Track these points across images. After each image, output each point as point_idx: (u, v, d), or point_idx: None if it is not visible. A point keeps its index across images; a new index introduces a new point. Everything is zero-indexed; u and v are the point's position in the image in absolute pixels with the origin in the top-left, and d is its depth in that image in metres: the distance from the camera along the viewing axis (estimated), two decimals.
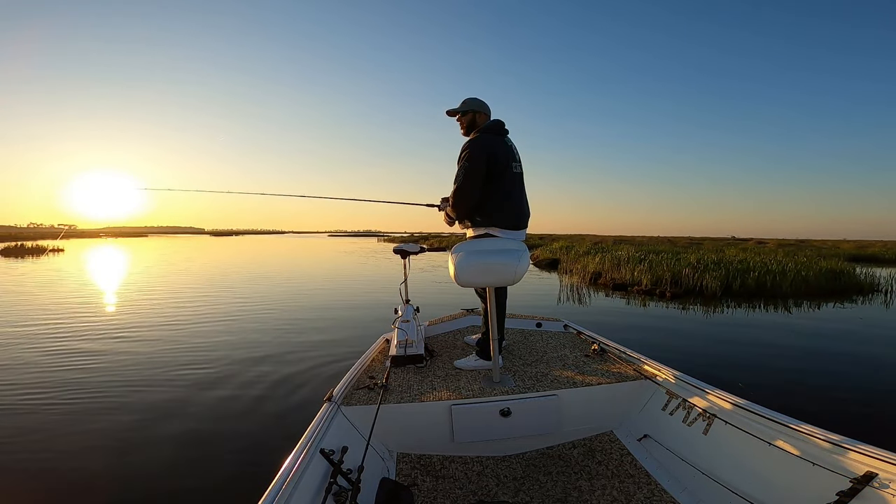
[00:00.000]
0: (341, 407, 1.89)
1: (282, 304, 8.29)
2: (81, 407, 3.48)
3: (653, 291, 10.31)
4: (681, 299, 9.59)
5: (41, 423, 3.19)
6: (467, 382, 2.24)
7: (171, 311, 7.53)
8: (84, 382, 4.02)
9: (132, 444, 2.94)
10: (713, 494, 1.60)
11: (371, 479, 1.56)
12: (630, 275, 11.62)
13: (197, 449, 2.85)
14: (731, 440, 1.67)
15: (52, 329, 6.11)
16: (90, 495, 2.40)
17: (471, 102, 2.46)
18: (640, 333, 6.30)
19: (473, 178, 2.26)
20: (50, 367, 4.44)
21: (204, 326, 6.39)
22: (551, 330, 3.25)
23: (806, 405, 3.62)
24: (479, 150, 2.27)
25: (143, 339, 5.65)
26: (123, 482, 2.52)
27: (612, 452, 2.02)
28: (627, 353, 2.53)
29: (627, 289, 10.96)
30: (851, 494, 1.23)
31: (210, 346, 5.27)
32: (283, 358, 4.76)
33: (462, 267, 2.02)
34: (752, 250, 20.55)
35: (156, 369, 4.41)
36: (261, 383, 3.98)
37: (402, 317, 2.67)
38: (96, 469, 2.64)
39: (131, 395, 3.76)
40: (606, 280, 12.04)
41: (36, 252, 24.54)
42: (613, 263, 13.16)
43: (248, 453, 2.78)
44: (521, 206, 2.44)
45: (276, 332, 5.99)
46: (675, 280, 10.66)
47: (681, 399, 2.01)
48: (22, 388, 3.84)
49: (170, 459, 2.75)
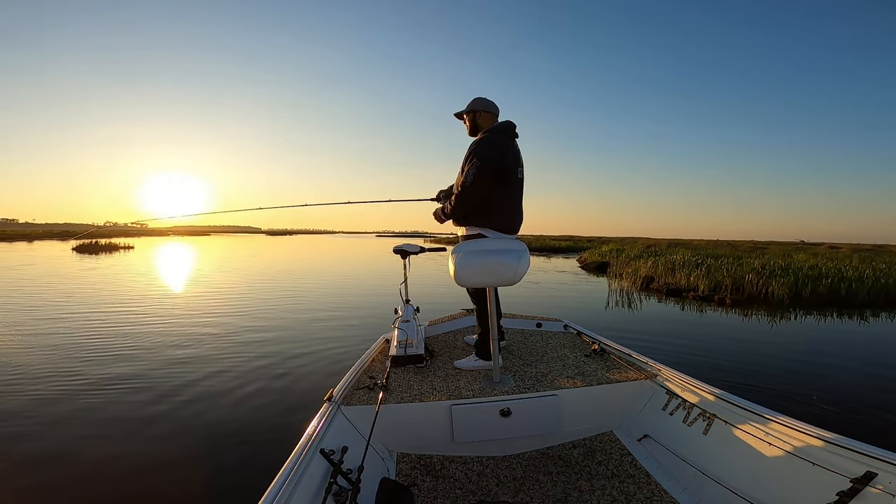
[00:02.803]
0: (341, 407, 1.90)
1: (326, 302, 8.57)
2: (67, 398, 3.61)
3: (710, 298, 9.73)
4: (742, 307, 8.98)
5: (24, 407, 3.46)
6: (467, 382, 2.23)
7: (231, 303, 7.98)
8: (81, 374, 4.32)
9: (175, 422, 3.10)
10: (713, 494, 1.59)
11: (371, 479, 1.56)
12: (685, 280, 11.04)
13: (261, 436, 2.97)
14: (731, 440, 1.67)
15: (58, 322, 6.63)
16: (86, 491, 2.42)
17: (476, 102, 2.44)
18: (696, 342, 5.94)
19: (482, 178, 2.21)
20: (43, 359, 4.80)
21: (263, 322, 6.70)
22: (551, 330, 3.24)
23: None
24: (490, 151, 2.23)
25: (191, 333, 6.02)
26: (148, 470, 2.60)
27: (612, 452, 2.02)
28: (627, 353, 2.51)
29: (682, 294, 10.42)
30: (851, 494, 1.22)
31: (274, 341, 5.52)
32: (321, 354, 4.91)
33: (462, 267, 2.01)
34: (823, 255, 18.92)
35: (203, 360, 4.67)
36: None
37: (403, 317, 2.67)
38: (91, 462, 2.69)
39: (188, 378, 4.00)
40: (659, 285, 11.49)
41: (109, 249, 26.31)
42: (667, 267, 12.58)
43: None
44: (518, 211, 2.42)
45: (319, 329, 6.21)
46: (736, 286, 10.01)
47: (681, 399, 2.00)
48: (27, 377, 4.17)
49: (208, 446, 2.87)
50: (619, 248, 21.33)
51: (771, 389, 4.02)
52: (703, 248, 21.26)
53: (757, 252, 20.12)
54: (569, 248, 32.10)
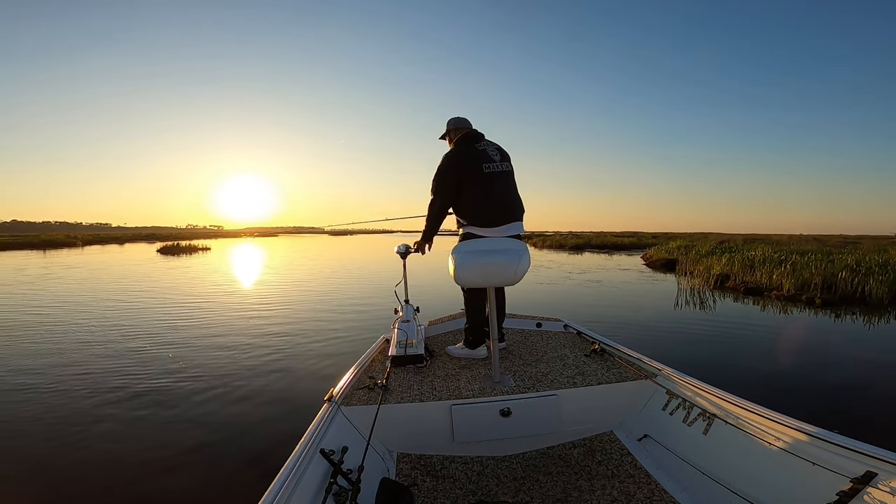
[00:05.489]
0: (341, 407, 1.90)
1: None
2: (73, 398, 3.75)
3: (797, 297, 8.98)
4: (834, 307, 8.22)
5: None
6: (467, 382, 2.23)
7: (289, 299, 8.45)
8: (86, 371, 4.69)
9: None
10: (713, 494, 1.58)
11: (371, 479, 1.55)
12: (767, 278, 10.25)
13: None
14: (731, 440, 1.66)
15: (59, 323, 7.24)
16: (82, 489, 2.48)
17: (448, 123, 2.68)
18: (785, 346, 5.54)
19: (440, 189, 2.49)
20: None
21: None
22: (551, 330, 3.20)
23: None
24: (445, 164, 2.48)
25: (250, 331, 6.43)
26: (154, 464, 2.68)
27: (612, 452, 2.01)
28: (627, 352, 2.48)
29: (763, 294, 9.68)
30: (851, 494, 1.21)
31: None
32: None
33: (462, 266, 2.02)
34: None
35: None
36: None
37: (402, 317, 2.67)
38: (90, 460, 2.73)
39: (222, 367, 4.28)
40: (736, 283, 10.75)
41: (189, 250, 28.81)
42: (745, 265, 11.72)
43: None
44: (501, 203, 2.47)
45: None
46: (827, 285, 9.16)
47: (681, 399, 1.99)
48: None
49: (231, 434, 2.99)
50: (689, 245, 20.10)
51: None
52: (784, 244, 19.52)
53: (848, 247, 18.14)
54: (632, 244, 30.71)
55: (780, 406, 1.59)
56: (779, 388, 3.99)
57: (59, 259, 21.64)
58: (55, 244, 37.54)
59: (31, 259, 21.92)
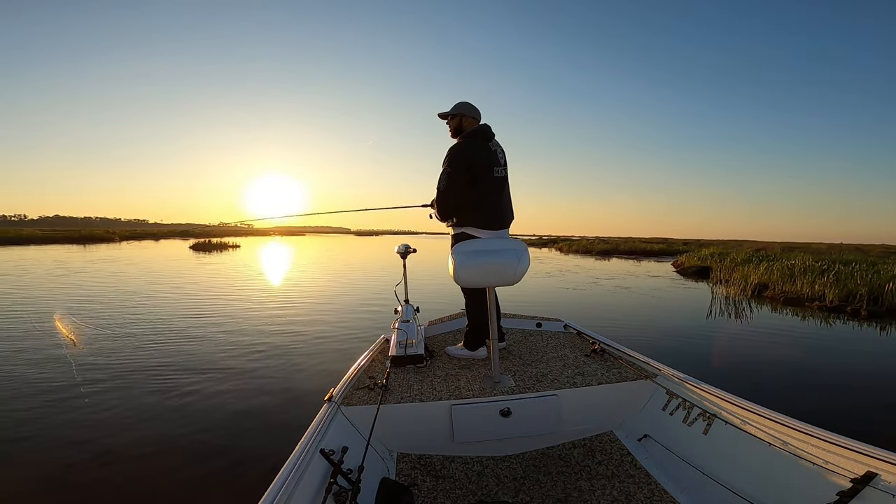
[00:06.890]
0: (341, 407, 1.90)
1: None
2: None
3: (841, 308, 8.55)
4: (881, 319, 7.79)
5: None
6: (467, 382, 2.22)
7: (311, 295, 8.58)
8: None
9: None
10: (713, 494, 1.58)
11: (371, 479, 1.56)
12: (808, 288, 9.80)
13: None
14: (731, 440, 1.67)
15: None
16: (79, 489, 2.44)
17: (460, 106, 2.53)
18: (830, 358, 5.26)
19: (454, 183, 2.36)
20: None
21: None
22: (551, 330, 3.20)
23: None
24: (461, 157, 2.36)
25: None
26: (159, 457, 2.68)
27: (612, 452, 2.01)
28: (627, 352, 2.48)
29: (804, 304, 9.26)
30: (851, 494, 1.21)
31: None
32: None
33: (462, 266, 2.00)
34: None
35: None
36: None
37: (402, 317, 2.66)
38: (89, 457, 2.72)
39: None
40: (775, 293, 10.32)
41: (220, 247, 29.69)
42: (785, 273, 11.25)
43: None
44: (500, 208, 2.49)
45: None
46: (873, 296, 8.69)
47: (681, 399, 1.99)
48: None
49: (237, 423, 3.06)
50: (723, 253, 19.44)
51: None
52: (824, 253, 18.64)
53: (892, 257, 17.17)
54: (662, 251, 29.94)
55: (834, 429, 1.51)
56: (827, 410, 3.81)
57: (96, 254, 22.69)
58: (94, 239, 39.46)
59: (71, 252, 23.14)
